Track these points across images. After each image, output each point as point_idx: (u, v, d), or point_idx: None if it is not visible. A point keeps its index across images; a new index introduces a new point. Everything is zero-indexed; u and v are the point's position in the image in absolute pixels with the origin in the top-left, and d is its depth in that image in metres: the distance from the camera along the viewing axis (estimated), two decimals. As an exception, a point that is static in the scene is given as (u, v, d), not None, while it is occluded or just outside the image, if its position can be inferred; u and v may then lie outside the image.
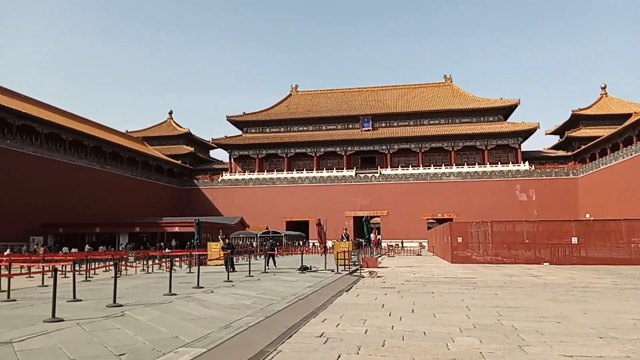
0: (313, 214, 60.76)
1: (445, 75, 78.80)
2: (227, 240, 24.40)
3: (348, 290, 13.95)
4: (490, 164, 65.53)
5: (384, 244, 50.67)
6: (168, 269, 22.38)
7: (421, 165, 66.85)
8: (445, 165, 66.19)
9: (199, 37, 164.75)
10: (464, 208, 59.99)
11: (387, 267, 24.45)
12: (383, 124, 71.75)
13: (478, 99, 72.73)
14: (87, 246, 40.17)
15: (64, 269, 20.46)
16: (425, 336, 7.22)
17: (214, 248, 26.28)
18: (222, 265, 24.20)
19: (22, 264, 21.90)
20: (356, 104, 76.98)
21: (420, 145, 68.09)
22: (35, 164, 44.54)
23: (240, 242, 45.03)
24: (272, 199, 66.02)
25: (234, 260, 22.19)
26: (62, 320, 8.26)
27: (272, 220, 61.83)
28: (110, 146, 57.54)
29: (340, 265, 20.25)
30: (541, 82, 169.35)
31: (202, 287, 13.76)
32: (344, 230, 28.88)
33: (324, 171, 68.19)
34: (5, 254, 26.44)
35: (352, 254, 21.43)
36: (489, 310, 9.82)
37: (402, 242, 52.50)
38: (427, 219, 63.72)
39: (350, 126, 72.32)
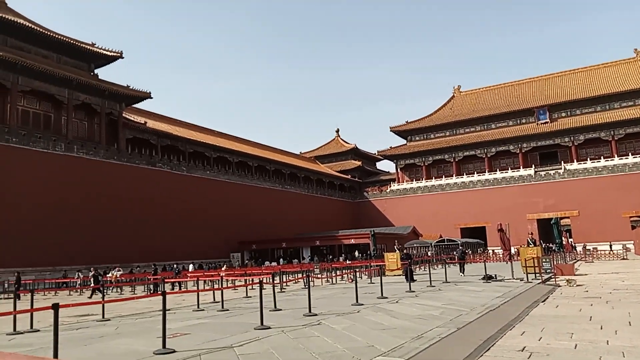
0: (490, 219, 57.31)
1: (635, 49, 67.63)
2: (405, 250, 24.50)
3: (544, 300, 12.75)
4: None
5: (578, 248, 45.20)
6: (350, 280, 23.40)
7: (616, 156, 58.11)
8: (648, 153, 56.41)
9: (358, 53, 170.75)
10: (680, 201, 50.15)
11: (586, 275, 21.71)
12: (563, 114, 64.51)
13: (686, 69, 60.63)
14: (281, 260, 44.67)
15: (261, 281, 22.80)
16: (655, 354, 6.18)
17: (391, 258, 26.55)
18: (400, 275, 24.33)
19: (226, 278, 25.11)
20: (528, 96, 70.80)
21: (612, 132, 59.31)
22: (229, 190, 50.96)
23: (415, 252, 44.74)
24: (443, 206, 64.22)
25: (413, 270, 22.10)
26: (269, 328, 9.20)
27: (445, 227, 60.07)
28: (288, 168, 62.93)
29: (529, 273, 18.64)
30: None
31: (387, 298, 13.99)
32: (530, 235, 26.56)
33: (498, 172, 63.92)
34: (223, 269, 30.70)
35: (543, 260, 19.53)
36: None
37: (610, 245, 46.10)
38: (631, 217, 54.84)
39: (524, 121, 66.66)
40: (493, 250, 47.82)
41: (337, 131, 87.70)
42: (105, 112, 41.35)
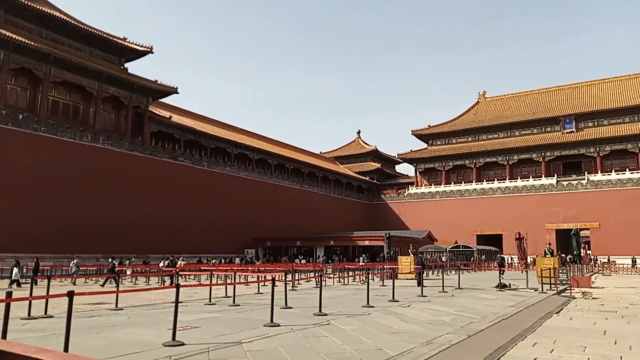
0: (507, 227, 56.54)
1: (669, 59, 65.90)
2: (420, 255, 24.31)
3: (558, 312, 12.53)
4: None
5: (600, 260, 44.29)
6: (362, 282, 23.33)
7: (643, 168, 56.64)
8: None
9: (387, 56, 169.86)
10: None
11: (603, 288, 21.26)
12: (589, 124, 63.07)
13: None
14: (300, 257, 45.53)
15: (274, 279, 22.91)
16: (669, 374, 6.03)
17: (405, 262, 26.39)
18: (412, 279, 24.17)
19: (240, 273, 25.28)
20: (555, 104, 69.51)
21: (639, 144, 57.85)
22: (248, 186, 51.28)
23: (429, 256, 44.47)
24: (460, 211, 63.55)
25: (423, 275, 21.93)
26: (279, 326, 9.25)
27: (461, 233, 59.37)
28: (307, 167, 63.02)
29: (544, 283, 18.34)
30: None
31: (398, 301, 13.93)
32: (548, 245, 26.12)
33: (519, 180, 62.98)
34: (258, 263, 31.15)
35: (560, 271, 19.19)
36: None
37: (633, 260, 45.06)
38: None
39: (549, 129, 65.46)
40: (511, 259, 47.21)
41: (359, 132, 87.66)
42: (132, 106, 42.01)
